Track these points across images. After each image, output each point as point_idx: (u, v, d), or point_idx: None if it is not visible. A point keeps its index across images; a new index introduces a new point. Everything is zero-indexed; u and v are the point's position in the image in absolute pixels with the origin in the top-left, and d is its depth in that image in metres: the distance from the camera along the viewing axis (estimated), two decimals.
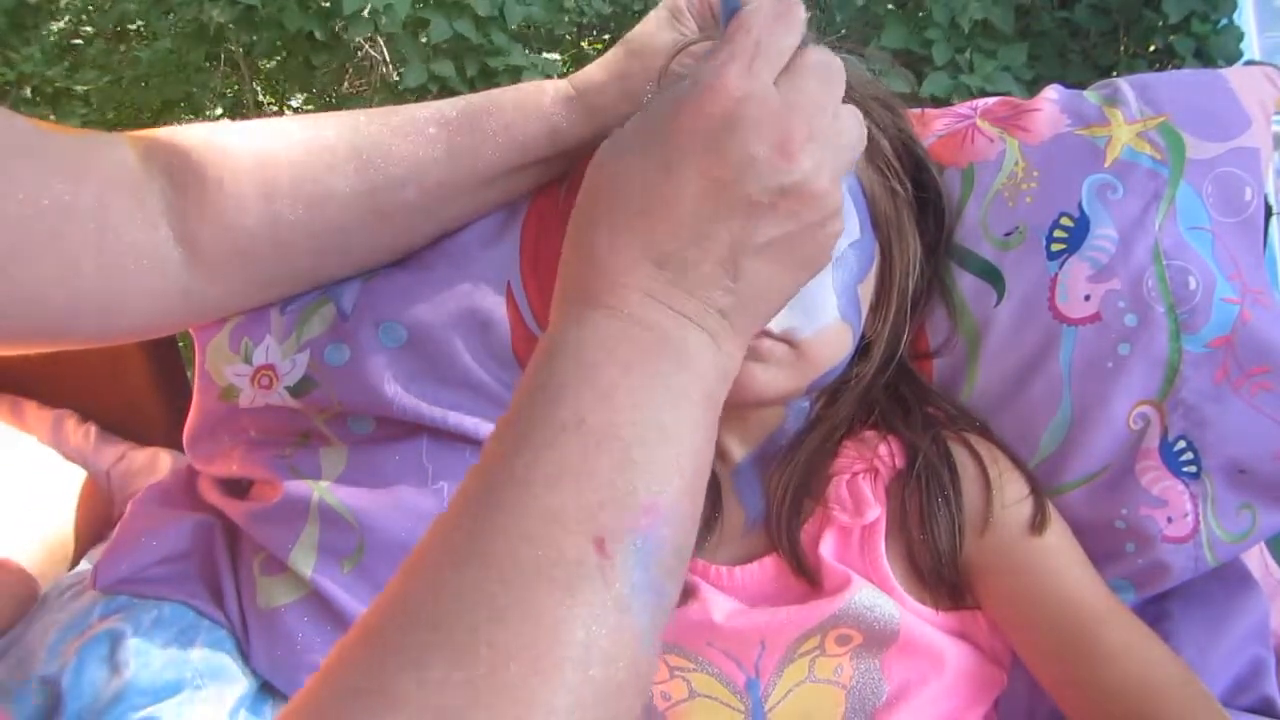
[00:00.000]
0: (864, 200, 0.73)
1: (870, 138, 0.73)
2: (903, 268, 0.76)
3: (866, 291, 0.74)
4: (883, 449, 0.73)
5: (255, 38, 3.00)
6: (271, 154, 0.71)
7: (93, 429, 1.16)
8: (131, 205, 0.66)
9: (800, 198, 0.47)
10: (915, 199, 0.77)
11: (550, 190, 0.87)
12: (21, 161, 0.60)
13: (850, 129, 0.50)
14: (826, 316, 0.70)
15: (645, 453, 0.43)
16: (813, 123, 0.47)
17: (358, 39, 2.97)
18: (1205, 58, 2.36)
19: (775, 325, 0.68)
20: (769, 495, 0.74)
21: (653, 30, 0.78)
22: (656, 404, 0.44)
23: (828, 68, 0.49)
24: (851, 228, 0.71)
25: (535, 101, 0.77)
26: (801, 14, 0.49)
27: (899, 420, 0.75)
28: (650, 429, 0.43)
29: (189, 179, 0.69)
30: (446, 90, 2.69)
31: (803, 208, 0.47)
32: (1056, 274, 0.76)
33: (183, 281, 0.69)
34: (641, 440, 0.43)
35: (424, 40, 2.63)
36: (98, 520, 1.07)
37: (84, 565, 1.01)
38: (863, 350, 0.76)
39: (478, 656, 0.38)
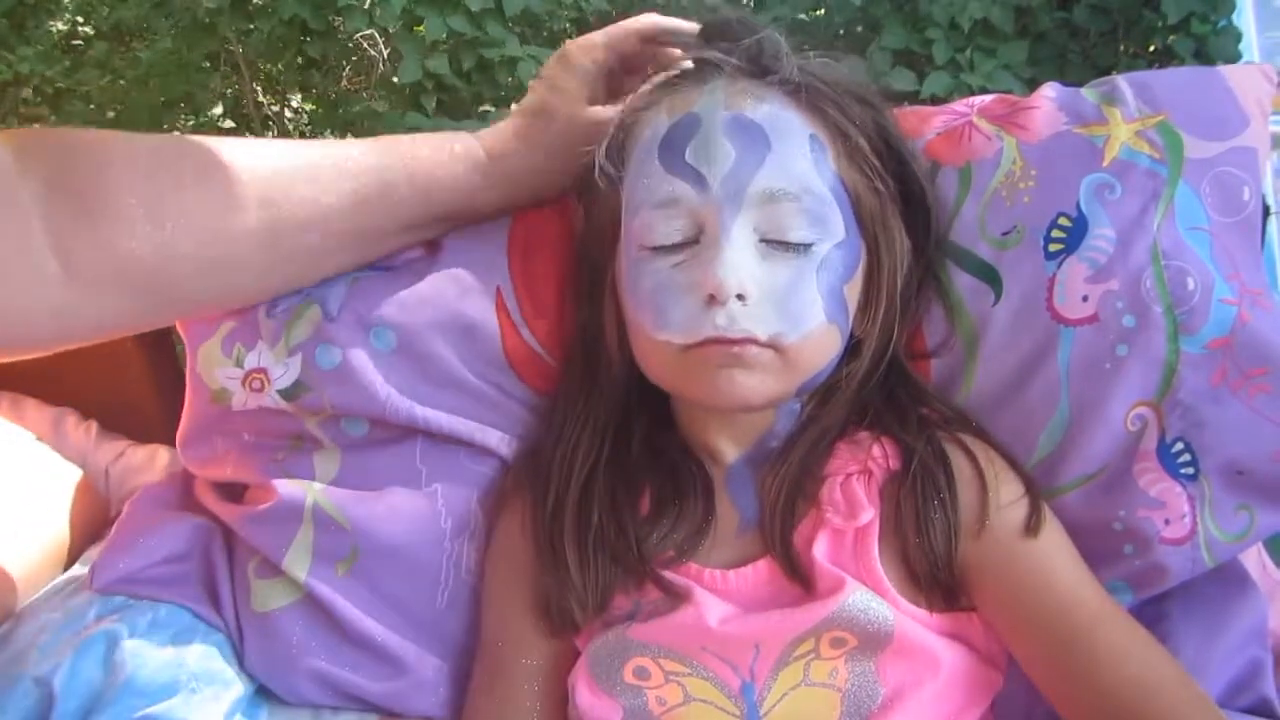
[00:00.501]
0: (848, 200, 0.73)
1: (849, 137, 0.73)
2: (891, 265, 0.76)
3: (854, 291, 0.74)
4: (876, 450, 0.73)
5: (251, 26, 2.99)
6: (167, 178, 0.66)
7: (93, 426, 1.16)
8: (2, 207, 0.61)
9: None
10: (900, 194, 0.77)
11: None
12: None
13: None
14: (813, 320, 0.70)
15: None
16: None
17: (355, 34, 2.96)
18: (1205, 58, 2.35)
19: (762, 332, 0.68)
20: (762, 497, 0.73)
21: (544, 92, 0.79)
22: None
23: None
24: (835, 229, 0.71)
25: (446, 163, 0.77)
26: None
27: (893, 421, 0.75)
28: None
29: (69, 187, 0.63)
30: (442, 87, 2.68)
31: None
32: (1054, 274, 0.76)
33: (56, 295, 0.64)
34: None
35: (419, 32, 2.63)
36: (94, 521, 1.07)
37: (78, 569, 1.01)
38: (853, 349, 0.76)
39: None
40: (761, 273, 0.69)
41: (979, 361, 0.78)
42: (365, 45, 3.03)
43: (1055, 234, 0.77)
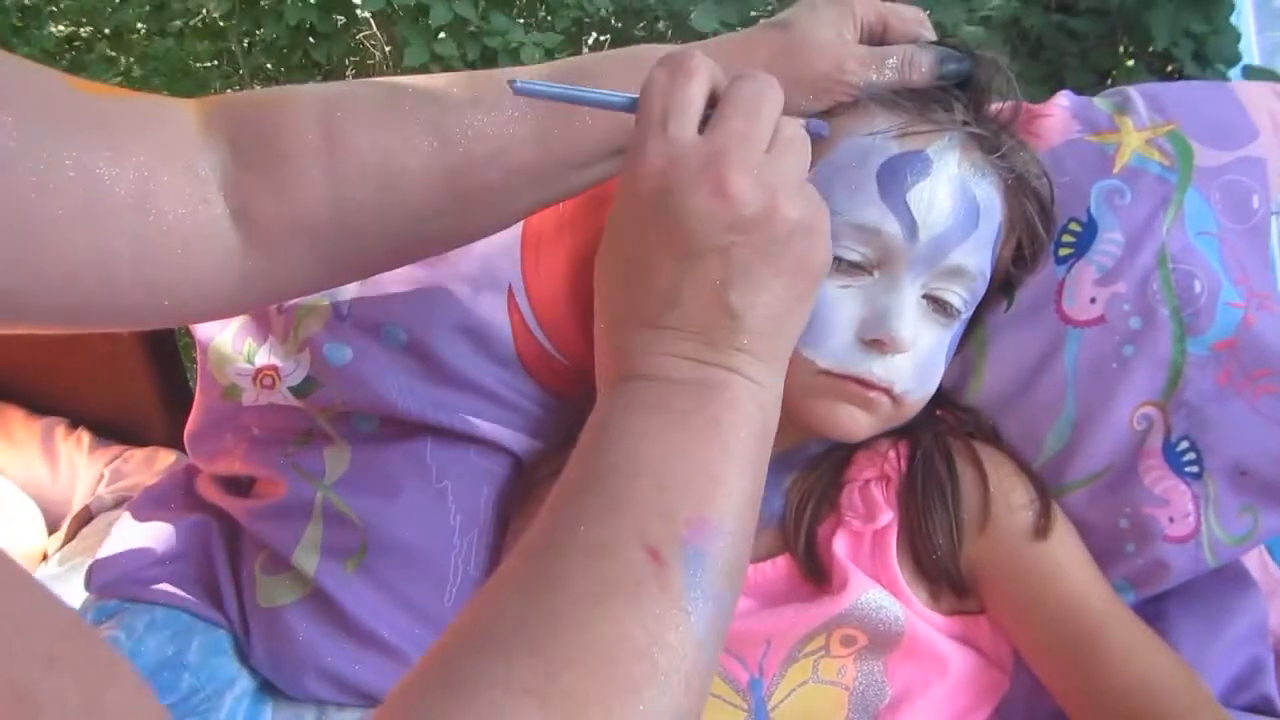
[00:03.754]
0: (990, 280, 0.73)
1: (1031, 234, 0.73)
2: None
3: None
4: (892, 454, 0.74)
5: (258, 30, 2.99)
6: (337, 123, 0.61)
7: (85, 435, 1.14)
8: (182, 180, 0.57)
9: (757, 226, 0.50)
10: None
11: None
12: (43, 128, 0.51)
13: (789, 142, 0.52)
14: (935, 383, 0.72)
15: (678, 478, 0.47)
16: (744, 157, 0.50)
17: (358, 35, 2.97)
18: (1204, 59, 2.35)
19: (900, 386, 0.69)
20: (789, 497, 0.74)
21: (818, 25, 0.68)
22: (682, 439, 0.48)
23: (751, 99, 0.52)
24: (975, 303, 0.72)
25: (639, 80, 0.66)
26: (695, 62, 0.53)
27: (909, 424, 0.75)
28: (679, 460, 0.47)
29: (253, 150, 0.60)
30: (447, 70, 2.69)
31: (766, 236, 0.50)
32: (1064, 278, 0.77)
33: (239, 263, 0.60)
34: (673, 470, 0.47)
35: (426, 24, 2.63)
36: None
37: (55, 568, 0.99)
38: None
39: (551, 669, 0.40)
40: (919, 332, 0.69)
41: (988, 363, 0.79)
42: (368, 45, 3.04)
43: (1065, 238, 0.77)
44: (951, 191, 0.67)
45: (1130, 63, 2.53)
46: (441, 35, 2.64)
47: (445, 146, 0.62)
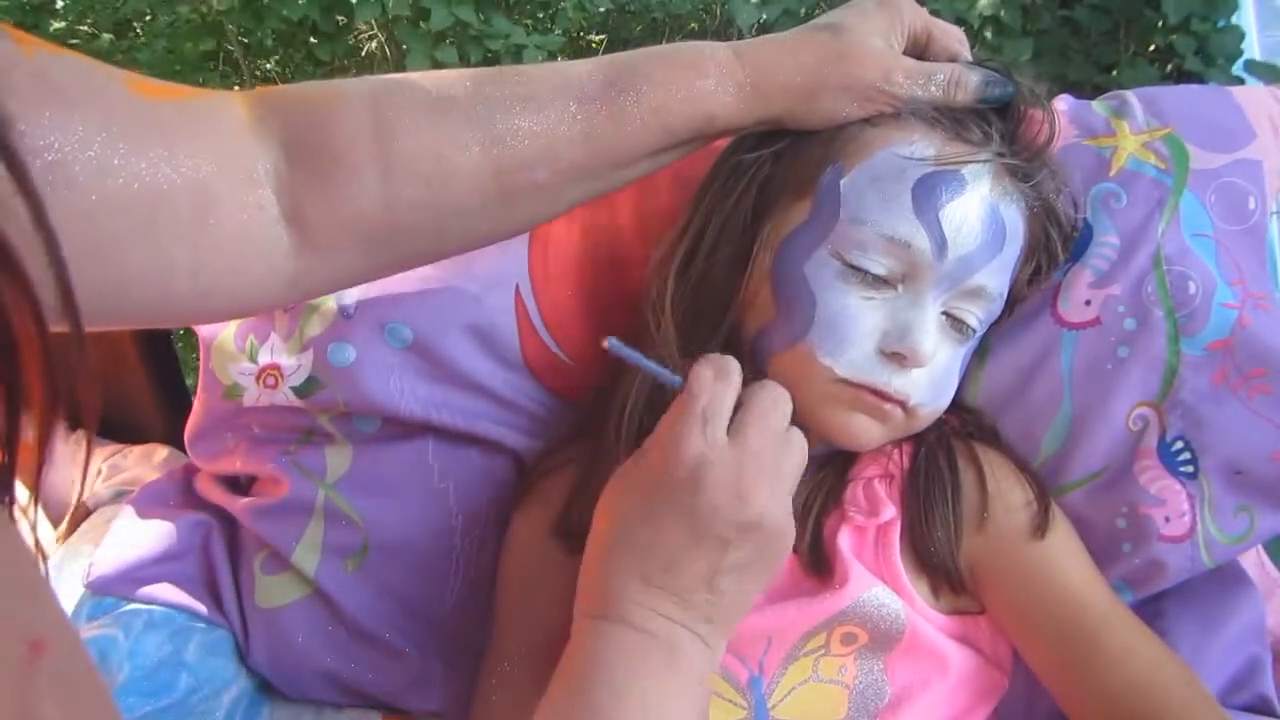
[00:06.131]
0: (1008, 300, 0.74)
1: (1051, 258, 0.74)
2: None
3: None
4: (896, 453, 0.74)
5: (258, 25, 2.97)
6: (389, 125, 0.61)
7: (81, 438, 1.14)
8: (240, 188, 0.57)
9: (760, 530, 0.58)
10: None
11: None
12: (107, 141, 0.50)
13: (792, 455, 0.61)
14: (948, 398, 0.72)
15: None
16: (762, 470, 0.58)
17: (359, 33, 2.96)
18: (1206, 57, 2.35)
19: (914, 399, 0.69)
20: (795, 495, 0.74)
21: (869, 32, 0.69)
22: (655, 695, 0.56)
23: (769, 411, 0.60)
24: (993, 313, 0.73)
25: (690, 82, 0.67)
26: (731, 367, 0.60)
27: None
28: (653, 714, 0.56)
29: (306, 151, 0.60)
30: None
31: (762, 539, 0.58)
32: (1060, 282, 0.77)
33: (290, 263, 0.60)
34: None
35: (424, 29, 2.62)
36: None
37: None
38: None
39: None
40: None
41: (986, 367, 0.79)
42: (370, 46, 3.03)
43: None
44: (982, 213, 0.68)
45: (1133, 59, 2.53)
46: (446, 40, 2.63)
47: (495, 147, 0.63)
